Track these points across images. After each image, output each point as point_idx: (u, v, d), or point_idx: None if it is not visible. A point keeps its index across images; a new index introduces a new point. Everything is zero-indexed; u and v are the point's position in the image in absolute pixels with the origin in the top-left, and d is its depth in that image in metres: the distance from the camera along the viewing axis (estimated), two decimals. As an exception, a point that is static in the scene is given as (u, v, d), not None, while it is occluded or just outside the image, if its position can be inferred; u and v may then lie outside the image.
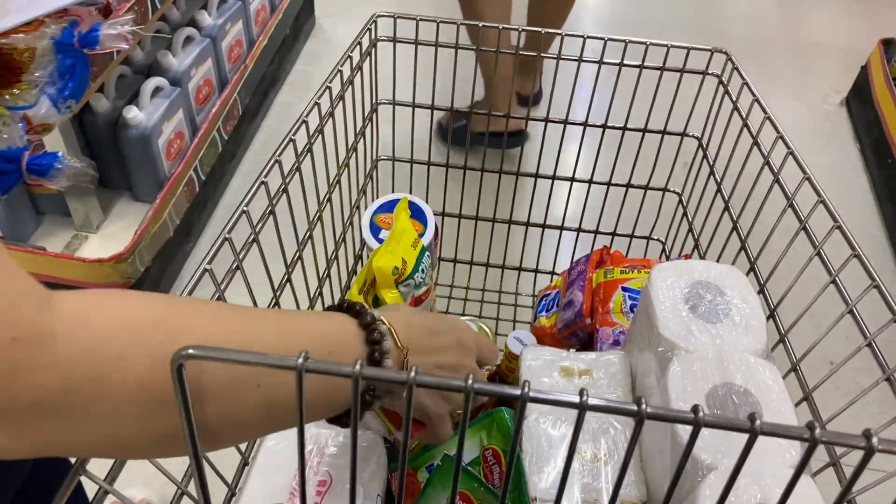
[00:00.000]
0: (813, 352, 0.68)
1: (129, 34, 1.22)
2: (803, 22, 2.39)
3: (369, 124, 1.01)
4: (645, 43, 0.90)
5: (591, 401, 0.33)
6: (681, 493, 0.61)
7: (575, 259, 1.11)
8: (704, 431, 0.64)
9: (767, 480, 0.57)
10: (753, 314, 0.69)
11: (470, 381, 0.33)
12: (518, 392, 0.33)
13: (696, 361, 0.65)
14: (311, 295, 0.85)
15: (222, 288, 0.60)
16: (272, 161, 0.69)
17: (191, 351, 0.33)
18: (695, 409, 0.33)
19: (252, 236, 0.65)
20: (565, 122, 1.03)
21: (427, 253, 0.95)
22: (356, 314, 0.51)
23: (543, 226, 1.16)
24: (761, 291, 0.76)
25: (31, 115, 1.24)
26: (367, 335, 0.50)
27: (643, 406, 0.33)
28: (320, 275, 0.88)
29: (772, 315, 0.74)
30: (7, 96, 1.18)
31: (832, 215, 0.65)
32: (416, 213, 1.01)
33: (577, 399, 0.33)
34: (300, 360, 0.33)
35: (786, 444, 0.59)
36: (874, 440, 0.32)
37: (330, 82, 0.82)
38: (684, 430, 0.60)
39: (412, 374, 0.33)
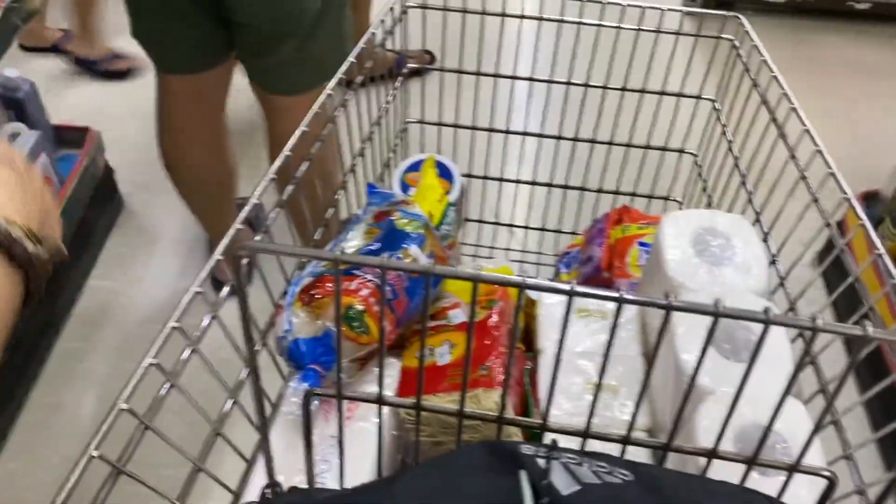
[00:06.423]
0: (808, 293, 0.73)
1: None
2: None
3: (399, 88, 1.07)
4: (661, 9, 0.95)
5: (626, 295, 0.39)
6: (682, 417, 0.67)
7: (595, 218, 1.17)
8: (705, 360, 0.69)
9: (759, 405, 0.62)
10: (755, 259, 0.75)
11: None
12: (567, 287, 0.39)
13: (700, 299, 0.71)
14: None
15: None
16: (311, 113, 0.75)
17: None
18: (716, 302, 0.39)
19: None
20: (586, 86, 1.08)
21: (453, 208, 1.02)
22: None
23: (565, 187, 1.21)
24: (765, 239, 0.82)
25: None
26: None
27: (670, 299, 0.39)
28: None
29: (773, 261, 0.79)
30: None
31: (827, 163, 0.70)
32: (444, 173, 1.07)
33: (616, 294, 0.40)
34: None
35: (776, 374, 0.65)
36: (869, 329, 0.37)
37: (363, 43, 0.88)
38: (688, 360, 0.66)
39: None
